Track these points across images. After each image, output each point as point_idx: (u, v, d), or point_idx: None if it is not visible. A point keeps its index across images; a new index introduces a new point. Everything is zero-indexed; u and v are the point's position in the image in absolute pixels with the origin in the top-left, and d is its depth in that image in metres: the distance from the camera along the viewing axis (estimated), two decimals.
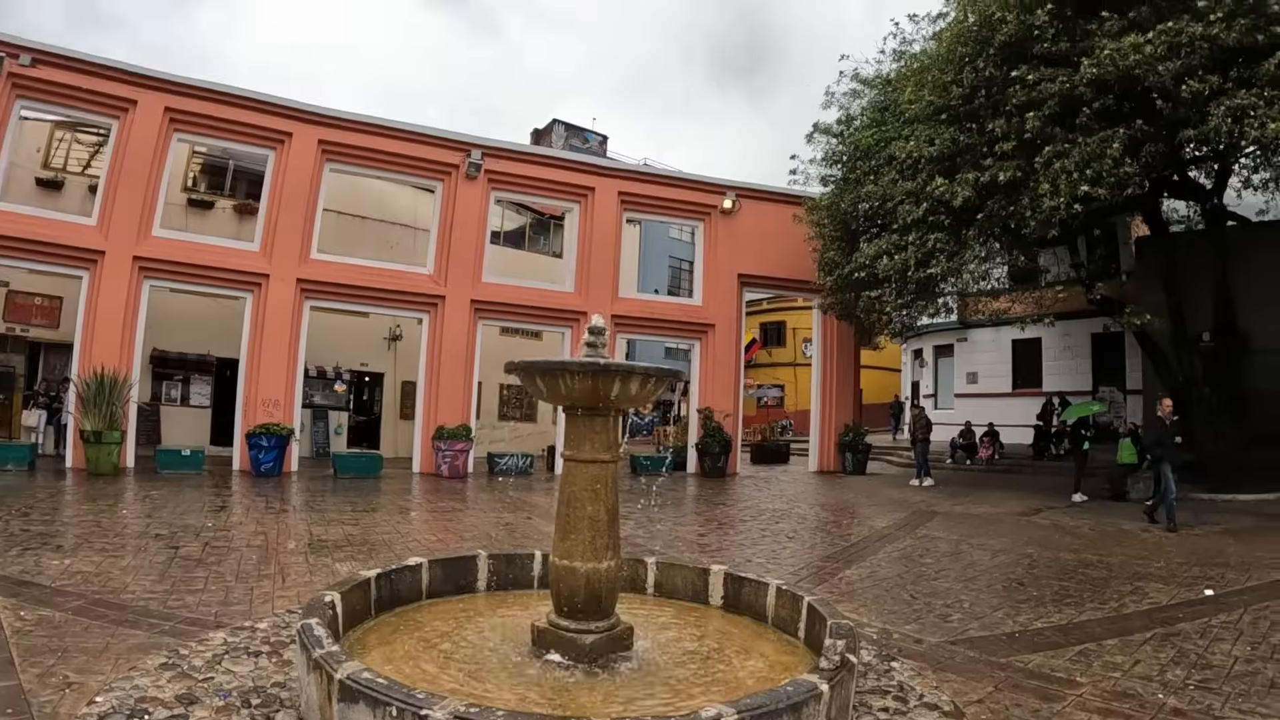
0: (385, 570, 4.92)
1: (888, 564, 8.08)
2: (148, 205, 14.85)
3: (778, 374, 41.23)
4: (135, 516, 9.30)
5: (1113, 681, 4.45)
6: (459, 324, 17.17)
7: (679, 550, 8.56)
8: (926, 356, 29.55)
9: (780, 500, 13.99)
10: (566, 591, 4.05)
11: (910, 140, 14.04)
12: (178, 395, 19.45)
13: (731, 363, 19.53)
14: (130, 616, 5.08)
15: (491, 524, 10.22)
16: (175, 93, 15.12)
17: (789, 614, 4.66)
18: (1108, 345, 21.77)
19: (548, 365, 4.00)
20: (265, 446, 14.49)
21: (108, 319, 14.28)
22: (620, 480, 13.12)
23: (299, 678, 3.67)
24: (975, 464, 21.31)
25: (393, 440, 21.53)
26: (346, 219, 19.74)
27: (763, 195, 19.95)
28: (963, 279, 16.14)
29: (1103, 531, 10.59)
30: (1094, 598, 6.55)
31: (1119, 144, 11.42)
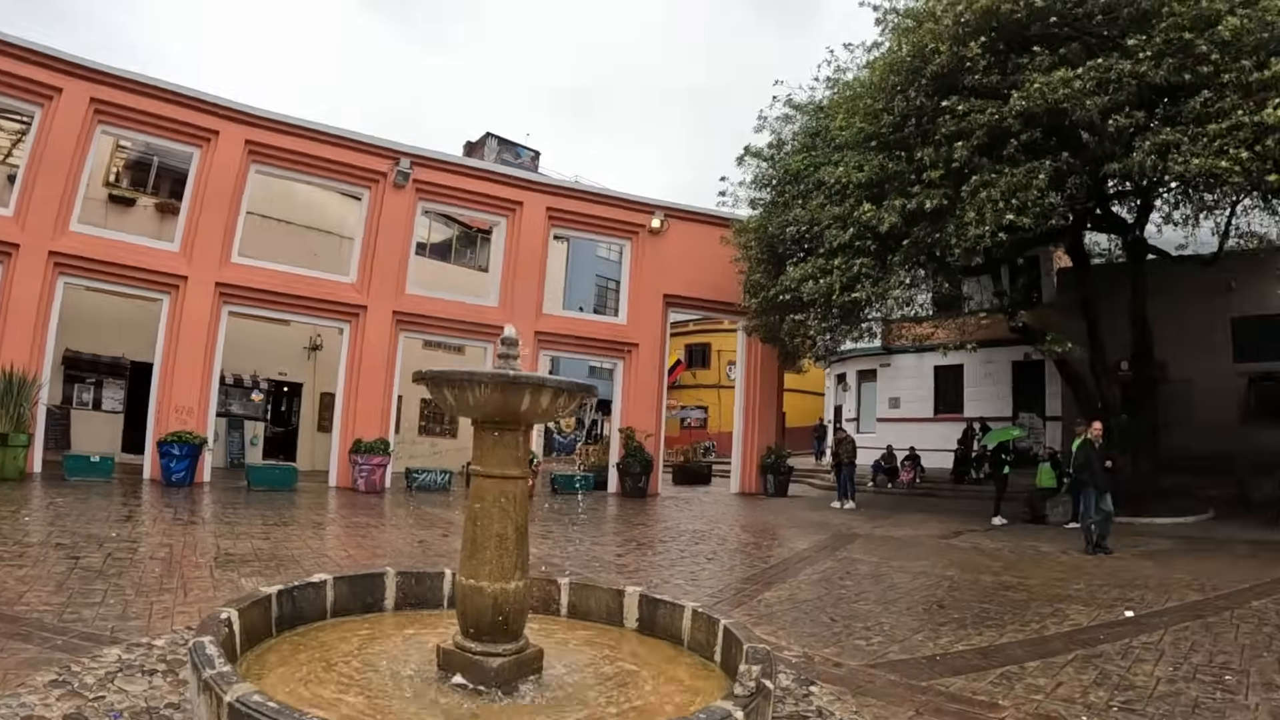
0: (287, 587, 4.73)
1: (808, 586, 8.10)
2: (66, 198, 14.34)
3: (702, 395, 41.55)
4: (37, 524, 8.95)
5: (1035, 704, 4.48)
6: (380, 335, 16.92)
7: (596, 571, 8.48)
8: (850, 380, 29.99)
9: (701, 521, 14.03)
10: (473, 612, 3.93)
11: (840, 166, 14.26)
12: (90, 399, 18.76)
13: (654, 383, 19.59)
14: (23, 630, 4.85)
15: (406, 541, 10.05)
16: (102, 83, 14.65)
17: (705, 637, 4.60)
18: (1028, 372, 22.37)
19: (456, 376, 3.89)
20: (177, 455, 14.05)
21: (19, 316, 13.70)
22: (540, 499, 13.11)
23: (191, 699, 3.51)
24: (897, 487, 21.66)
25: (310, 453, 21.10)
26: (271, 223, 19.32)
27: (691, 216, 20.12)
28: (887, 304, 16.43)
29: (1022, 554, 10.83)
30: (1015, 620, 6.64)
31: (1044, 175, 11.76)
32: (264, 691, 3.01)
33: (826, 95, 17.63)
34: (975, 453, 21.03)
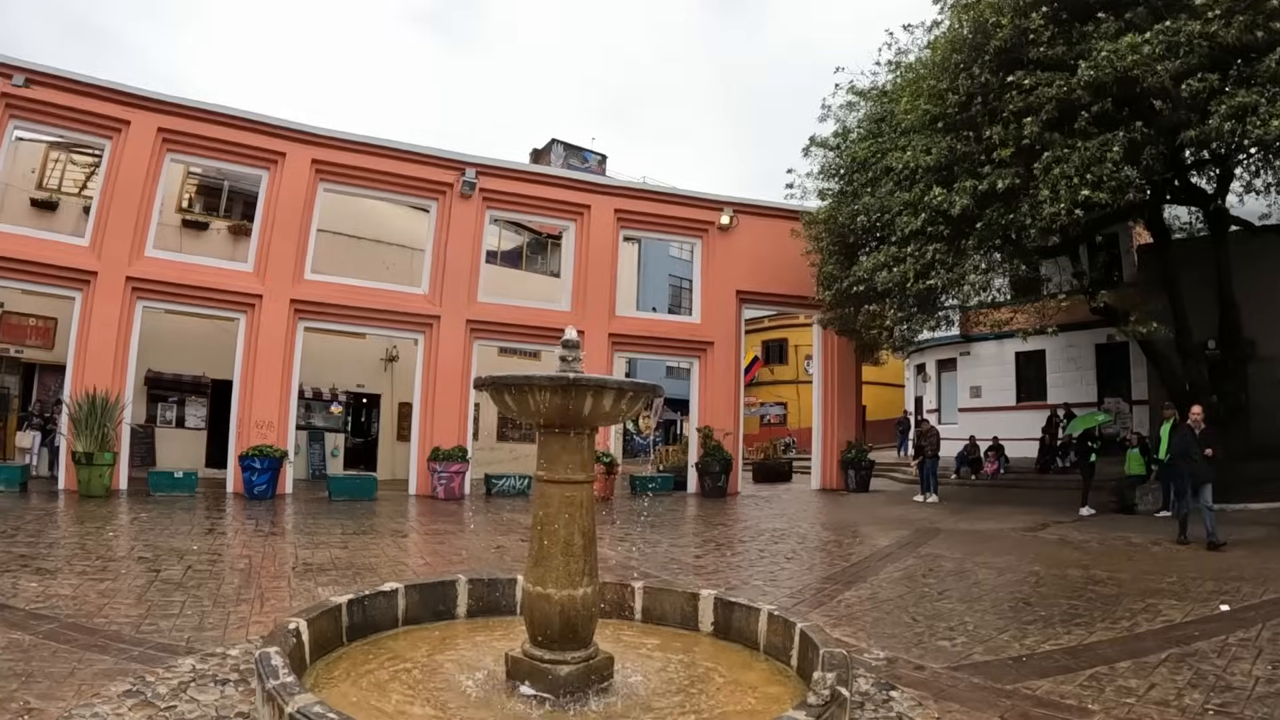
0: (358, 596, 4.74)
1: (889, 584, 7.84)
2: (141, 226, 14.75)
3: (780, 392, 40.97)
4: (120, 539, 9.14)
5: (1127, 708, 4.19)
6: (455, 344, 17.01)
7: (674, 573, 8.33)
8: (929, 371, 29.32)
9: (780, 519, 13.75)
10: (540, 620, 3.84)
11: (907, 150, 13.89)
12: (173, 417, 19.29)
13: (731, 380, 19.33)
14: (100, 641, 4.91)
15: (483, 546, 10.03)
16: (168, 113, 15.04)
17: (781, 641, 4.44)
18: (1112, 355, 21.54)
19: (515, 380, 3.80)
20: (258, 469, 14.30)
21: (100, 340, 14.15)
22: (618, 501, 13.00)
23: (257, 709, 3.49)
24: (980, 479, 21.05)
25: (390, 462, 21.35)
26: (342, 239, 19.61)
27: (760, 211, 19.80)
28: (963, 290, 15.94)
29: (1111, 546, 10.33)
30: (1105, 617, 6.30)
31: (1119, 148, 11.24)
32: (325, 702, 2.97)
33: (889, 79, 17.21)
34: (1060, 441, 20.32)
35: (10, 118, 14.07)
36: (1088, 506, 13.88)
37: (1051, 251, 15.16)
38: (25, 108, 14.11)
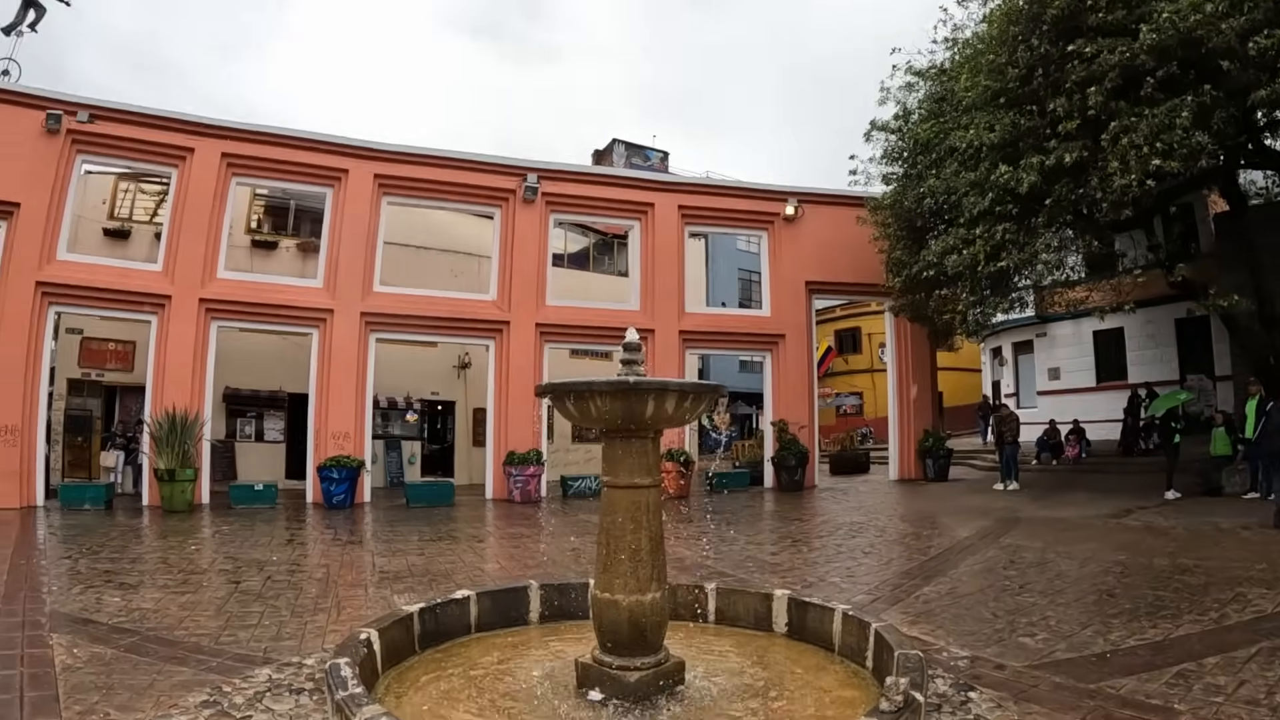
0: (429, 604, 4.77)
1: (969, 578, 7.62)
2: (211, 248, 15.18)
3: (855, 381, 40.33)
4: (202, 552, 9.39)
5: (1215, 708, 3.97)
6: (525, 349, 17.13)
7: (750, 571, 8.25)
8: (1006, 354, 28.60)
9: (858, 512, 13.52)
10: (609, 626, 3.80)
11: (970, 129, 13.53)
12: (252, 431, 19.85)
13: (804, 373, 19.11)
14: (180, 653, 5.03)
15: (558, 549, 10.04)
16: (231, 138, 15.46)
17: (856, 641, 4.33)
18: (1193, 330, 20.72)
19: (575, 386, 3.77)
20: (336, 479, 14.60)
21: (177, 360, 14.60)
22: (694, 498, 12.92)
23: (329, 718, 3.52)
24: (1062, 464, 20.46)
25: (466, 467, 21.67)
26: (409, 250, 19.97)
27: (825, 199, 19.52)
28: (1036, 270, 15.51)
29: (1198, 532, 9.90)
30: (1191, 608, 6.01)
31: (1188, 113, 10.82)
32: (392, 714, 2.97)
33: (946, 57, 16.81)
34: (1143, 422, 19.62)
35: (78, 153, 14.57)
36: (1172, 490, 13.37)
37: (1124, 225, 14.67)
38: (91, 142, 14.62)
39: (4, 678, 4.42)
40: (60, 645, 5.08)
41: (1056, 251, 15.24)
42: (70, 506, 13.21)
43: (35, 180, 13.87)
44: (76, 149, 14.49)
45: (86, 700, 4.10)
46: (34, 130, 13.98)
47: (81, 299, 14.45)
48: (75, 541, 9.77)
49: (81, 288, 14.22)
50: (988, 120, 13.26)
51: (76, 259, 14.70)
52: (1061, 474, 19.11)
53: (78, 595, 6.64)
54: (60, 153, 14.18)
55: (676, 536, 10.96)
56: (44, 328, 14.03)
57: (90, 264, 14.85)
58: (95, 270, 14.64)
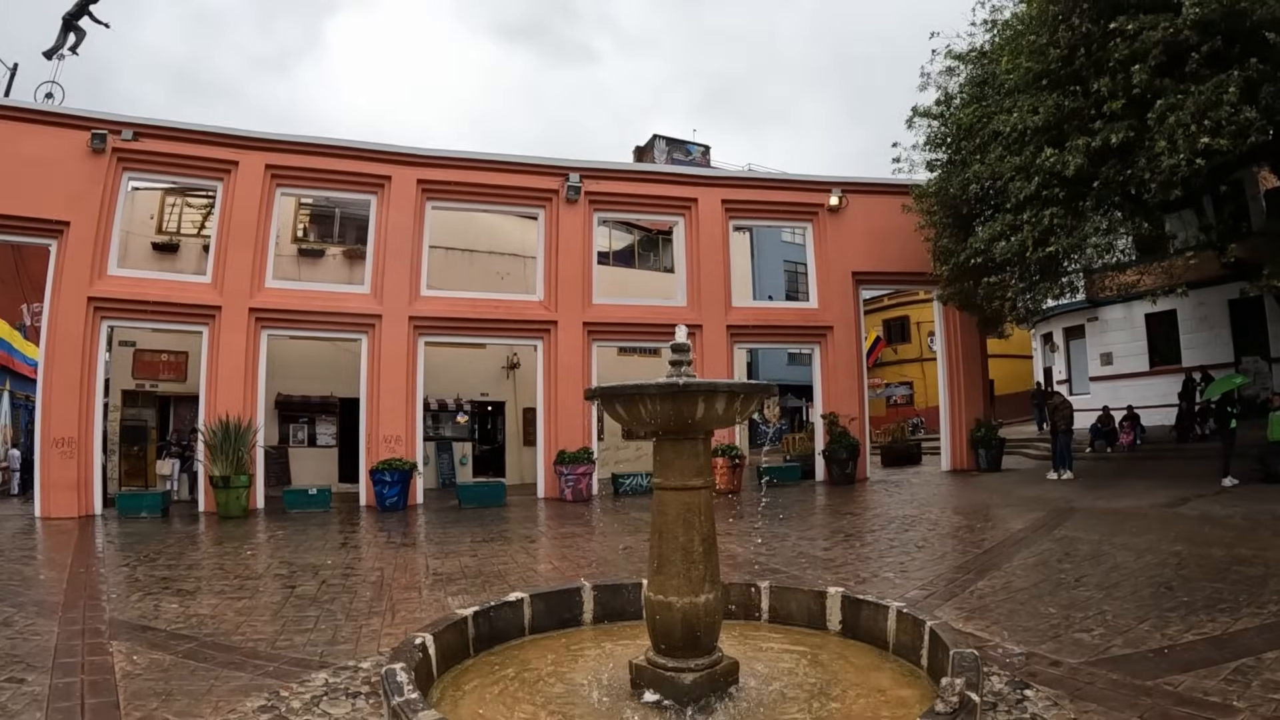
0: (484, 608, 4.80)
1: (1023, 572, 7.51)
2: (259, 258, 15.47)
3: (904, 371, 39.88)
4: (257, 557, 9.58)
5: (1274, 705, 3.88)
6: (573, 347, 17.19)
7: (802, 567, 8.22)
8: (1057, 340, 28.08)
9: (910, 505, 13.38)
10: (662, 629, 3.80)
11: (1013, 112, 13.31)
12: (304, 436, 20.17)
13: (853, 364, 18.96)
14: (237, 659, 5.13)
15: (610, 548, 10.06)
16: (273, 150, 15.75)
17: (910, 640, 4.29)
18: (1247, 311, 20.17)
19: (624, 390, 3.77)
20: (389, 482, 14.76)
21: (229, 369, 14.90)
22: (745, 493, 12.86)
23: None
24: (1116, 451, 20.06)
25: (517, 467, 21.85)
26: (455, 254, 20.21)
27: (869, 188, 19.34)
28: (1085, 254, 15.21)
29: (1256, 520, 9.64)
30: (1250, 601, 5.86)
31: (1235, 88, 10.55)
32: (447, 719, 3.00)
33: (986, 39, 16.52)
34: (1198, 406, 19.16)
35: (124, 170, 14.91)
36: (1230, 477, 13.04)
37: (1174, 206, 14.37)
38: (137, 160, 14.96)
39: (65, 685, 4.53)
40: (120, 652, 5.21)
41: (1106, 234, 14.93)
42: (127, 515, 13.55)
43: (83, 199, 14.23)
44: (122, 167, 14.83)
45: (146, 707, 4.20)
46: (80, 150, 14.33)
47: (133, 312, 14.83)
48: (133, 549, 10.02)
49: (133, 301, 14.58)
50: (1031, 103, 13.04)
51: (127, 274, 15.07)
52: (1116, 461, 18.72)
53: (136, 602, 6.80)
54: (106, 171, 14.53)
55: (728, 533, 10.94)
56: (98, 342, 14.40)
57: (140, 278, 15.23)
58: (145, 284, 15.00)
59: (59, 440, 13.67)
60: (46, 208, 13.95)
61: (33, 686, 4.49)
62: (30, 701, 4.25)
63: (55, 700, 4.27)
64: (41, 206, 13.92)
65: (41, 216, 13.97)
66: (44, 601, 6.74)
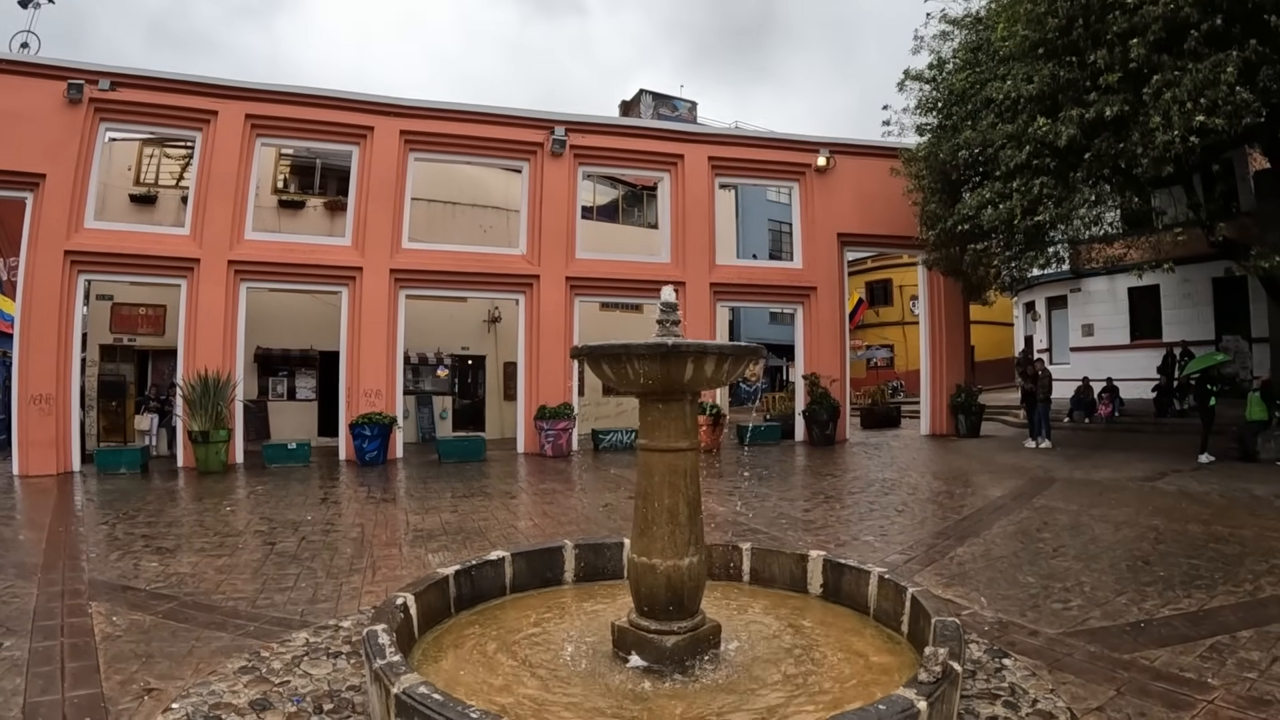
0: (465, 567, 4.77)
1: (1003, 540, 7.55)
2: (238, 210, 15.21)
3: (886, 334, 39.97)
4: (237, 514, 9.50)
5: (1249, 684, 3.92)
6: (555, 302, 17.11)
7: (783, 529, 8.26)
8: (1039, 309, 28.16)
9: (890, 469, 13.46)
10: (646, 591, 3.79)
11: (1007, 80, 13.22)
12: (284, 390, 19.96)
13: (836, 325, 18.98)
14: (218, 619, 5.10)
15: (591, 505, 10.07)
16: (253, 99, 15.40)
17: (892, 606, 4.30)
18: (1231, 290, 20.26)
19: (611, 350, 3.69)
20: (368, 436, 14.74)
21: (208, 323, 14.71)
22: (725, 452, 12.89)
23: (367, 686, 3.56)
24: (1095, 422, 20.21)
25: (498, 421, 21.80)
26: (438, 206, 20.00)
27: (857, 150, 19.25)
28: (1073, 225, 15.20)
29: (1233, 498, 9.72)
30: (1226, 579, 5.91)
31: (1233, 68, 10.47)
32: (430, 682, 2.98)
33: (983, 4, 16.35)
34: (1178, 382, 19.30)
35: (101, 121, 14.56)
36: (1207, 453, 13.17)
37: (1164, 182, 14.31)
38: (114, 110, 14.59)
39: (45, 649, 4.48)
40: (100, 614, 5.17)
41: (1094, 207, 14.93)
42: (106, 471, 13.42)
43: (60, 151, 13.91)
44: (99, 117, 14.49)
45: (126, 669, 4.17)
46: (56, 101, 14.00)
47: (110, 266, 14.56)
48: (112, 507, 9.92)
49: (110, 255, 14.32)
50: (1026, 71, 12.94)
51: (104, 226, 14.77)
52: (1095, 433, 18.87)
53: (116, 562, 6.74)
54: (83, 122, 14.19)
55: (708, 492, 10.96)
56: (74, 296, 14.16)
57: (118, 231, 14.92)
58: (123, 237, 14.72)
59: (36, 397, 13.49)
60: (22, 160, 13.63)
61: (11, 651, 4.44)
62: (10, 667, 4.19)
63: (35, 665, 4.22)
64: (17, 159, 13.60)
65: (17, 169, 13.65)
66: (23, 563, 6.66)
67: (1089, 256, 20.67)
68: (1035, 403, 16.71)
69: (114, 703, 3.74)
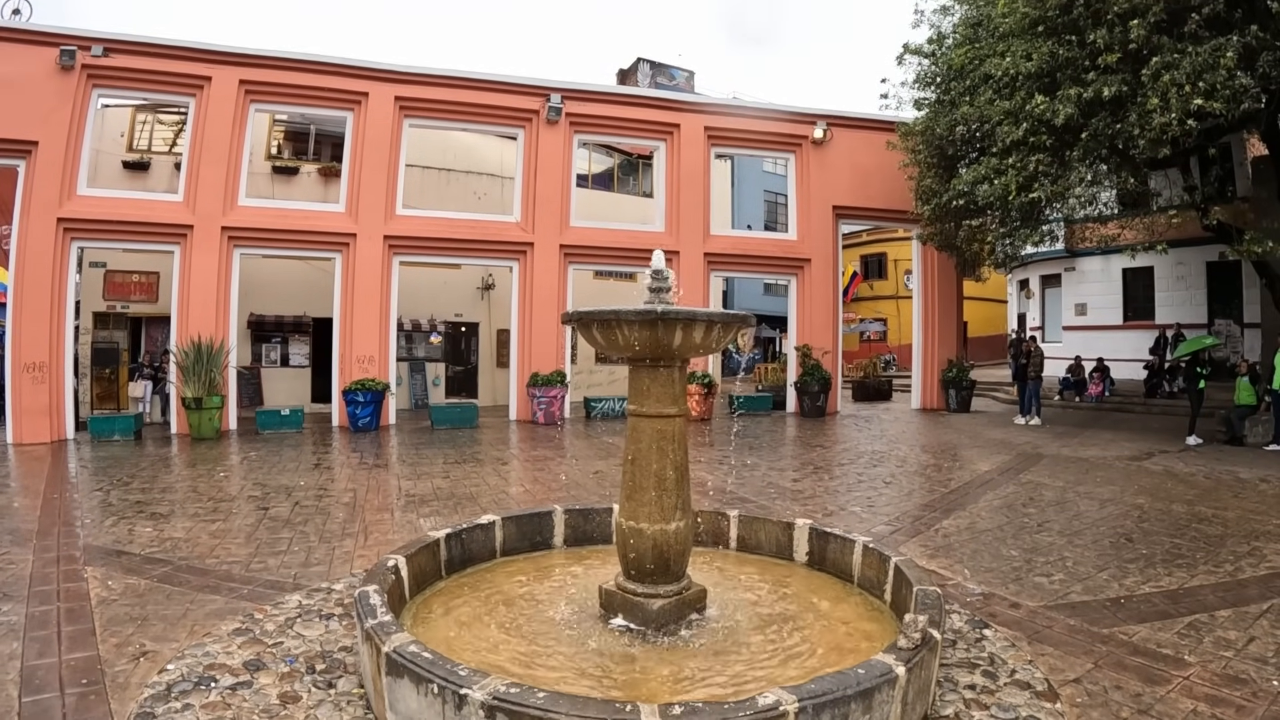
0: (455, 530, 4.84)
1: (988, 514, 7.63)
2: (231, 176, 15.09)
3: (880, 307, 39.91)
4: (230, 479, 9.52)
5: (1224, 662, 3.98)
6: (549, 270, 17.06)
7: (771, 498, 8.32)
8: (1033, 287, 28.20)
9: (880, 441, 13.53)
10: (633, 555, 3.85)
11: (1006, 57, 13.14)
12: (277, 357, 19.91)
13: (829, 298, 18.97)
14: (212, 582, 5.15)
15: (581, 472, 10.12)
16: (248, 65, 15.23)
17: (875, 574, 4.37)
18: (1224, 274, 20.33)
19: (602, 315, 3.72)
20: (361, 402, 14.75)
21: (201, 289, 14.63)
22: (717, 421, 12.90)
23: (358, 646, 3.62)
24: (1084, 401, 20.33)
25: (490, 389, 21.84)
26: (432, 173, 19.92)
27: (855, 123, 19.15)
28: (1068, 204, 15.20)
29: (1218, 480, 9.78)
30: (1207, 559, 5.97)
31: (1232, 53, 10.45)
32: (420, 641, 3.04)
33: None
34: (1168, 363, 19.40)
35: (94, 87, 14.39)
36: (1194, 435, 13.25)
37: (1161, 164, 14.31)
38: (107, 76, 14.41)
39: (41, 613, 4.52)
40: (95, 578, 5.21)
41: (1090, 186, 14.91)
42: (100, 438, 13.40)
43: (52, 118, 13.77)
44: (92, 83, 14.33)
45: (122, 632, 4.21)
46: (48, 68, 13.83)
47: (103, 233, 14.43)
48: (106, 473, 9.92)
49: (103, 222, 14.19)
50: (1025, 48, 12.87)
51: (97, 193, 14.62)
52: (1085, 412, 18.98)
53: (110, 527, 6.76)
54: (76, 88, 14.03)
55: (698, 460, 11.05)
56: (67, 264, 14.07)
57: (111, 198, 14.78)
58: (116, 204, 14.59)
59: (30, 365, 13.43)
60: (14, 127, 13.49)
61: (9, 616, 4.47)
62: (7, 631, 4.23)
63: (32, 629, 4.26)
64: (9, 126, 13.46)
65: (8, 137, 13.50)
66: (18, 530, 6.68)
67: (1083, 235, 20.65)
68: (1026, 379, 16.78)
69: (110, 665, 3.78)
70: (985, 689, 3.54)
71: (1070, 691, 3.61)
